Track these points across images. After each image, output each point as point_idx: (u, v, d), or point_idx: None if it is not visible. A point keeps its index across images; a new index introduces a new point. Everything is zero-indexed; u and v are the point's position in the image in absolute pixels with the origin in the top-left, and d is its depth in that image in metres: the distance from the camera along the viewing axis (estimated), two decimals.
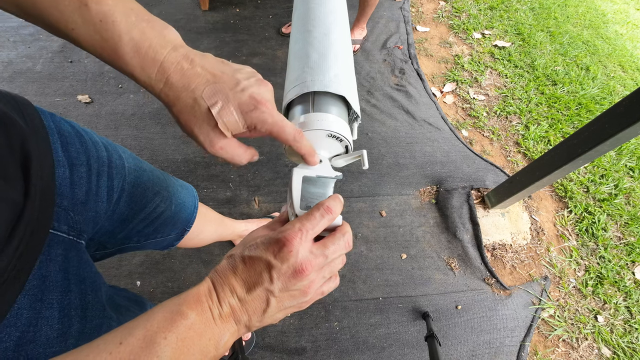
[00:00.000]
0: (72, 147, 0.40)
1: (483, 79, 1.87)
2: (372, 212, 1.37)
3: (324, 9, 0.49)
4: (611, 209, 1.44)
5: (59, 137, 0.38)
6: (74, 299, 0.35)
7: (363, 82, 1.78)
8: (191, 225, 0.69)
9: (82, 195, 0.40)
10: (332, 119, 0.38)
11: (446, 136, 1.62)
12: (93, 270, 0.41)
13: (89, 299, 0.37)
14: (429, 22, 2.17)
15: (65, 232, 0.37)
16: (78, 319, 0.35)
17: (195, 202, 0.71)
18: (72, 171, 0.39)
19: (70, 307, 0.34)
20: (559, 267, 1.30)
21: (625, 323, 1.20)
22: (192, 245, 0.81)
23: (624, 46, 2.24)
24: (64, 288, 0.34)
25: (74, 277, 0.36)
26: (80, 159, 0.40)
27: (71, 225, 0.38)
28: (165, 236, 0.64)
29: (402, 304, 1.19)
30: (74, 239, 0.39)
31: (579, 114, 1.75)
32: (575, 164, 1.00)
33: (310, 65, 0.42)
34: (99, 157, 0.44)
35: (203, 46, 1.85)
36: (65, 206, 0.37)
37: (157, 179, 0.58)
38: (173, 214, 0.62)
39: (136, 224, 0.54)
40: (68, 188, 0.38)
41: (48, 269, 0.33)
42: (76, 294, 0.36)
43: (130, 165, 0.51)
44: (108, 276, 1.15)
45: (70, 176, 0.38)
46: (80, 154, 0.40)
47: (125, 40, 0.26)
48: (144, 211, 0.54)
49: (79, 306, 0.35)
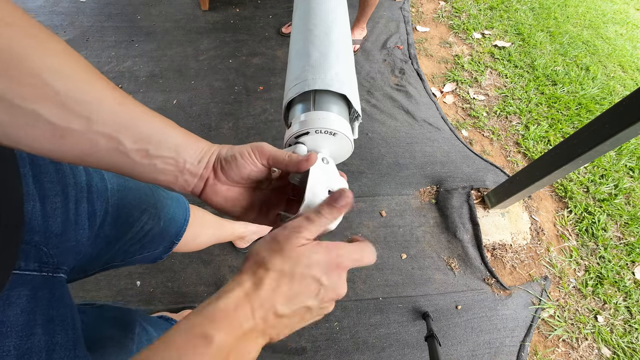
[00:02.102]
0: (46, 177, 0.37)
1: (483, 79, 1.87)
2: (372, 212, 1.37)
3: (324, 8, 0.49)
4: (611, 209, 1.44)
5: (30, 167, 0.36)
6: (38, 342, 0.33)
7: (363, 82, 1.78)
8: (180, 238, 0.68)
9: (58, 226, 0.38)
10: (333, 118, 0.38)
11: (446, 136, 1.61)
12: (68, 305, 0.38)
13: (58, 339, 0.35)
14: (429, 22, 2.17)
15: (35, 270, 0.35)
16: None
17: (186, 214, 0.69)
18: (44, 204, 0.37)
19: (31, 351, 0.32)
20: (559, 267, 1.30)
21: (625, 323, 1.20)
22: (189, 249, 0.80)
23: (624, 46, 2.24)
24: (26, 332, 0.32)
25: (41, 318, 0.34)
26: (55, 189, 0.38)
27: (44, 261, 0.36)
28: (152, 251, 0.62)
29: (402, 304, 1.19)
30: (47, 274, 0.37)
31: (579, 114, 1.75)
32: (575, 164, 1.00)
33: (312, 64, 0.42)
34: (76, 184, 0.41)
35: (203, 46, 1.85)
36: (37, 242, 0.36)
37: (144, 196, 0.56)
38: (162, 229, 0.61)
39: (122, 244, 0.53)
40: (40, 222, 0.36)
41: (6, 314, 0.31)
42: (41, 336, 0.33)
43: (113, 186, 0.49)
44: (108, 276, 1.15)
45: (42, 209, 0.36)
46: (55, 183, 0.38)
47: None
48: (132, 231, 0.53)
49: (43, 349, 0.33)
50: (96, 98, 0.27)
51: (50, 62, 0.24)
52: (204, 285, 1.16)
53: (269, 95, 1.68)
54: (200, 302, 0.82)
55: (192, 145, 0.33)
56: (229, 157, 0.34)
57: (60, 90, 0.24)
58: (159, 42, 1.85)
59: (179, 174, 0.33)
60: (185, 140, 0.33)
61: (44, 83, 0.24)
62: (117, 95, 0.28)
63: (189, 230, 0.71)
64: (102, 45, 1.81)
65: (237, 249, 1.21)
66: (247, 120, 1.59)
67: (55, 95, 0.24)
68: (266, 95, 1.68)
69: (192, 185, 0.35)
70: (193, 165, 0.33)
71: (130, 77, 1.69)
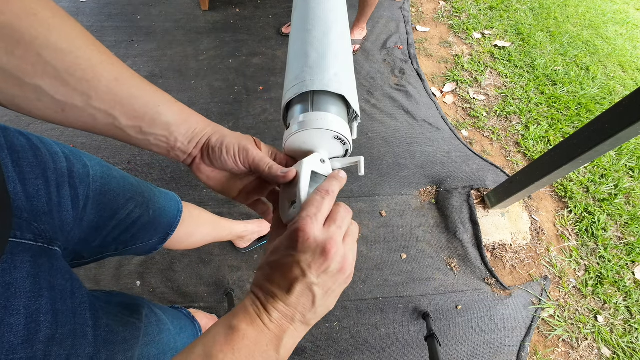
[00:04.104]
0: (25, 162, 0.39)
1: (483, 79, 1.87)
2: (372, 212, 1.37)
3: (323, 8, 0.49)
4: (611, 209, 1.44)
5: (9, 153, 0.38)
6: (45, 304, 0.35)
7: (363, 82, 1.78)
8: (174, 229, 0.69)
9: (43, 206, 0.40)
10: (331, 118, 0.38)
11: (446, 136, 1.61)
12: (67, 277, 0.40)
13: (59, 306, 0.37)
14: (429, 22, 2.17)
15: (31, 240, 0.37)
16: (48, 325, 0.35)
17: (178, 206, 0.70)
18: (26, 185, 0.38)
19: (39, 312, 0.34)
20: (559, 267, 1.30)
21: (625, 323, 1.20)
22: (184, 247, 0.81)
23: (624, 46, 2.24)
24: (34, 293, 0.34)
25: (45, 283, 0.36)
26: (35, 172, 0.40)
27: (38, 234, 0.38)
28: (146, 242, 0.64)
29: (402, 304, 1.19)
30: (44, 245, 0.39)
31: (579, 114, 1.75)
32: (575, 164, 1.00)
33: (310, 65, 0.42)
34: (57, 169, 0.43)
35: (203, 46, 1.85)
36: (26, 218, 0.37)
37: (129, 185, 0.57)
38: (152, 219, 0.62)
39: (110, 230, 0.54)
40: (24, 202, 0.38)
41: (13, 276, 0.33)
42: (48, 299, 0.35)
43: (96, 173, 0.51)
44: (108, 276, 1.15)
45: (23, 190, 0.38)
46: (35, 167, 0.40)
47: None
48: (116, 217, 0.54)
49: (49, 311, 0.35)
50: (95, 75, 0.29)
51: (53, 39, 0.26)
52: (204, 285, 1.16)
53: (269, 95, 1.69)
54: (201, 301, 0.83)
55: (184, 124, 0.36)
56: (216, 148, 0.37)
57: (60, 68, 0.27)
58: (159, 42, 1.85)
59: (171, 149, 0.36)
60: (178, 118, 0.35)
61: (45, 61, 0.26)
62: (114, 70, 0.30)
63: (183, 227, 0.71)
64: None
65: (237, 248, 1.22)
66: (247, 120, 1.59)
67: (56, 72, 0.27)
68: (266, 95, 1.68)
69: (182, 159, 0.38)
70: (183, 145, 0.36)
71: None
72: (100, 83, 0.29)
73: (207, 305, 1.12)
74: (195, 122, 0.37)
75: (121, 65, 0.31)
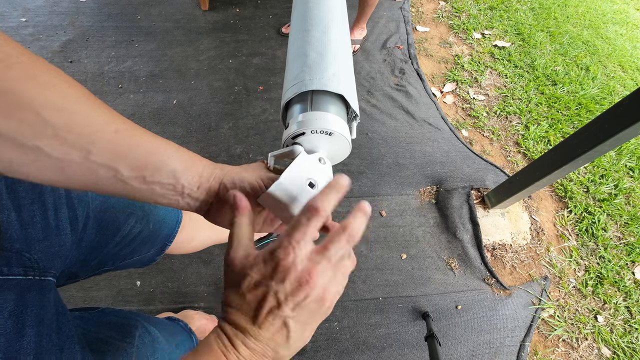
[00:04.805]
0: (21, 186, 0.38)
1: (483, 79, 1.87)
2: (372, 212, 1.37)
3: (322, 8, 0.49)
4: (611, 209, 1.44)
5: (3, 178, 0.36)
6: (27, 343, 0.34)
7: (363, 82, 1.78)
8: (172, 240, 0.67)
9: (39, 233, 0.39)
10: (330, 118, 0.38)
11: (446, 136, 1.61)
12: (54, 309, 0.39)
13: (44, 343, 0.35)
14: (429, 22, 2.17)
15: (20, 275, 0.36)
16: None
17: (178, 215, 0.69)
18: (21, 212, 0.37)
19: (19, 352, 0.33)
20: (559, 267, 1.30)
21: (625, 323, 1.20)
22: (185, 251, 0.79)
23: (624, 46, 2.24)
24: (16, 334, 0.33)
25: (32, 320, 0.35)
26: (31, 197, 0.39)
27: (29, 266, 0.37)
28: (143, 254, 0.62)
29: (402, 304, 1.19)
30: (34, 278, 0.37)
31: (579, 114, 1.75)
32: (575, 164, 1.00)
33: (309, 64, 0.42)
34: (53, 190, 0.42)
35: (203, 46, 1.85)
36: (18, 248, 0.36)
37: (129, 201, 0.55)
38: (151, 232, 0.60)
39: (111, 248, 0.53)
40: (18, 231, 0.37)
41: None
42: (32, 337, 0.34)
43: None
44: (108, 276, 1.15)
45: (18, 218, 0.37)
46: (30, 192, 0.39)
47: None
48: (119, 235, 0.53)
49: (31, 351, 0.34)
50: (93, 129, 0.28)
51: (50, 97, 0.25)
52: (204, 285, 1.16)
53: (269, 95, 1.69)
54: (201, 302, 0.82)
55: (190, 171, 0.34)
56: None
57: (58, 125, 0.26)
58: (159, 42, 1.85)
59: (180, 197, 0.34)
60: (184, 165, 0.34)
61: (44, 120, 0.25)
62: (114, 123, 0.29)
63: (184, 232, 0.70)
64: (102, 45, 1.81)
65: None
66: (247, 120, 1.59)
67: (54, 130, 0.26)
68: (266, 95, 1.68)
69: (194, 208, 0.36)
70: (192, 191, 0.35)
71: (130, 77, 1.69)
72: (99, 136, 0.28)
73: (207, 305, 1.12)
74: (202, 167, 0.35)
75: (120, 117, 0.30)
